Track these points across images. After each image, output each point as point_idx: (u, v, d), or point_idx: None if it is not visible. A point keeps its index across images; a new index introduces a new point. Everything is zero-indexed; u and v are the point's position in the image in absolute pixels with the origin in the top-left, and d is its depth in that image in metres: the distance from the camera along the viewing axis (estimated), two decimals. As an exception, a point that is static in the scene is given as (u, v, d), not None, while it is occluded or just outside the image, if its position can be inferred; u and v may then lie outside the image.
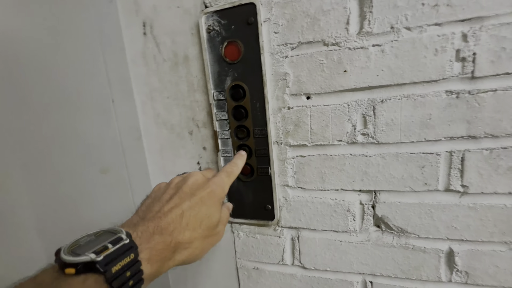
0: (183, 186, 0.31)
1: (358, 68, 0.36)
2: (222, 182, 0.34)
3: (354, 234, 0.42)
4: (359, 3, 0.35)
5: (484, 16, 0.31)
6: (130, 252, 0.20)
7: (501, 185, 0.34)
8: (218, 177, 0.35)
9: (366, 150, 0.39)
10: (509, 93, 0.32)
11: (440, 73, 0.33)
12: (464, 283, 0.39)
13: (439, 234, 0.38)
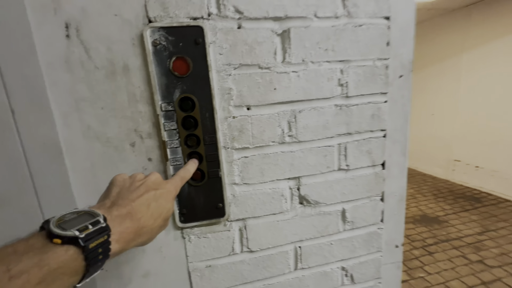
0: (148, 181, 0.35)
1: (284, 87, 0.49)
2: (176, 183, 0.39)
3: (287, 212, 0.55)
4: (282, 41, 0.47)
5: (350, 60, 0.51)
6: (104, 234, 0.25)
7: (364, 162, 0.56)
8: (173, 179, 0.39)
9: (292, 148, 0.52)
10: (364, 107, 0.53)
11: (331, 93, 0.51)
12: (351, 229, 0.60)
13: (337, 200, 0.57)
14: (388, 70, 0.53)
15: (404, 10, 0.52)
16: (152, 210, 0.32)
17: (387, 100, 0.55)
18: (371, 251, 0.62)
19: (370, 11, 0.50)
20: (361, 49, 0.51)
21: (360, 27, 0.50)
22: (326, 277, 0.60)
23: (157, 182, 0.36)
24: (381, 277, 0.64)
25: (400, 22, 0.52)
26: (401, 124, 0.57)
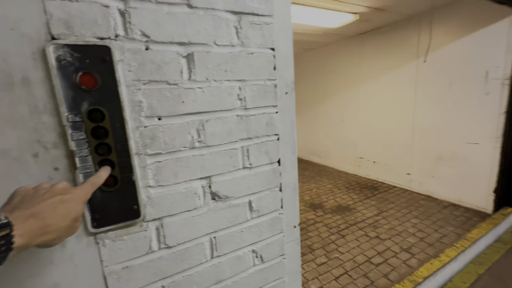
0: (54, 188, 0.38)
1: (191, 100, 0.58)
2: (86, 189, 0.43)
3: (201, 208, 0.64)
4: (187, 62, 0.56)
5: (246, 79, 0.64)
6: (6, 229, 0.28)
7: (264, 160, 0.70)
8: (84, 185, 0.43)
9: (202, 152, 0.61)
10: (260, 116, 0.67)
11: (232, 106, 0.63)
12: (257, 216, 0.72)
13: (243, 193, 0.69)
14: (276, 88, 0.69)
15: (284, 44, 0.69)
16: (58, 211, 0.35)
17: (277, 111, 0.70)
18: (275, 233, 0.76)
19: (259, 43, 0.64)
20: (254, 72, 0.65)
21: (252, 54, 0.64)
22: (239, 261, 0.71)
23: (65, 188, 0.39)
24: (284, 253, 0.79)
25: (283, 52, 0.69)
26: (290, 130, 0.74)
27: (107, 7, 0.48)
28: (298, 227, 0.81)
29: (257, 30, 0.63)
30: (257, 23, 0.63)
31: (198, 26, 0.56)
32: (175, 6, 0.54)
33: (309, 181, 4.11)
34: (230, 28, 0.60)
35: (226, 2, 0.59)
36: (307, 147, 5.12)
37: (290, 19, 0.68)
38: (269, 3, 0.64)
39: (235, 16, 0.60)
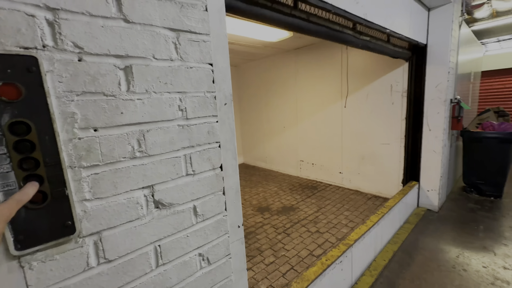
0: None
1: (130, 111, 0.59)
2: (10, 206, 0.41)
3: (144, 218, 0.64)
4: (125, 74, 0.58)
5: (186, 91, 0.68)
6: None
7: (207, 166, 0.75)
8: (7, 202, 0.41)
9: (143, 161, 0.62)
10: (202, 126, 0.72)
11: (173, 116, 0.66)
12: (202, 220, 0.76)
13: (188, 199, 0.72)
14: (216, 100, 0.75)
15: (222, 60, 0.76)
16: None
17: (218, 121, 0.76)
18: (220, 234, 0.81)
19: (198, 58, 0.70)
20: (194, 84, 0.70)
21: (191, 68, 0.69)
22: (186, 266, 0.73)
23: None
24: (230, 253, 0.84)
25: (220, 67, 0.76)
26: (230, 137, 0.80)
27: (32, 17, 0.46)
28: (242, 227, 0.88)
29: (196, 47, 0.69)
30: (195, 40, 0.69)
31: (135, 40, 0.58)
32: (111, 20, 0.55)
33: (256, 186, 4.26)
34: (169, 43, 0.64)
35: (164, 19, 0.62)
36: (253, 153, 5.31)
37: (226, 37, 0.76)
38: (206, 23, 0.70)
39: (174, 33, 0.65)
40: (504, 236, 2.54)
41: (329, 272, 1.48)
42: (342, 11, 1.36)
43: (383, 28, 1.86)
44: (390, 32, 2.01)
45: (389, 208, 2.40)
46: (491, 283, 1.92)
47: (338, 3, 1.32)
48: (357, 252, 1.82)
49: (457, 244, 2.44)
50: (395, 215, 2.53)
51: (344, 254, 1.63)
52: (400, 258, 2.25)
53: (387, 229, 2.40)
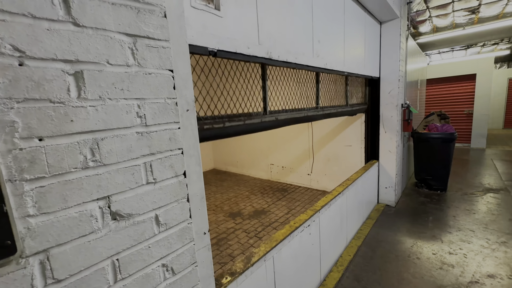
0: None
1: (82, 119, 0.56)
2: None
3: (99, 231, 0.60)
4: (75, 80, 0.55)
5: (145, 98, 0.66)
6: None
7: (169, 174, 0.73)
8: None
9: (97, 171, 0.59)
10: (163, 132, 0.71)
11: (131, 123, 0.64)
12: (165, 229, 0.74)
13: (149, 208, 0.69)
14: (177, 106, 0.75)
15: (183, 66, 0.76)
16: None
17: (180, 127, 0.76)
18: (185, 243, 0.79)
19: (157, 64, 0.69)
20: (153, 91, 0.68)
21: (150, 74, 0.67)
22: (148, 278, 0.70)
23: None
24: (196, 261, 0.83)
25: (181, 73, 0.76)
26: (193, 143, 0.80)
27: (-40, 16, 0.42)
28: (208, 233, 0.87)
29: (154, 53, 0.68)
30: (154, 46, 0.68)
31: (87, 45, 0.56)
32: (58, 23, 0.52)
33: (227, 191, 4.23)
34: (125, 49, 0.62)
35: (119, 24, 0.61)
36: (224, 158, 5.26)
37: (187, 44, 0.76)
38: (165, 29, 0.70)
39: (130, 38, 0.63)
40: (449, 224, 2.85)
41: (297, 234, 1.57)
42: (305, 66, 1.65)
43: (341, 71, 2.17)
44: (347, 74, 2.27)
45: (353, 181, 2.56)
46: (439, 267, 2.15)
47: (302, 61, 1.60)
48: (324, 219, 1.94)
49: (411, 235, 2.68)
50: (358, 188, 2.70)
51: (312, 219, 1.74)
52: (364, 252, 2.41)
53: (351, 200, 2.54)
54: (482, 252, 2.30)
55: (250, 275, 1.15)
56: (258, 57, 1.24)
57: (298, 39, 1.56)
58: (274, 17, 1.35)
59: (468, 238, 2.53)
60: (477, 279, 1.96)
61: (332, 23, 1.97)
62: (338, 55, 2.11)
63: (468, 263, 2.15)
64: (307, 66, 1.69)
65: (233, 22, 1.08)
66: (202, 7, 0.92)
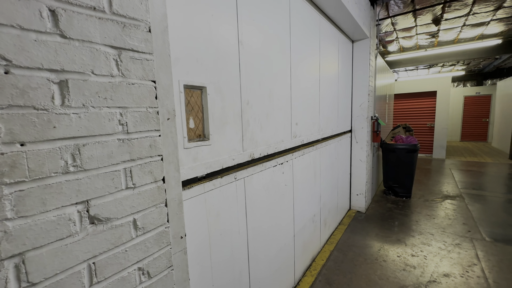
0: None
1: (64, 126, 0.58)
2: None
3: (77, 235, 0.62)
4: (60, 88, 0.57)
5: (127, 107, 0.70)
6: None
7: (148, 179, 0.76)
8: None
9: (77, 176, 0.61)
10: (143, 139, 0.74)
11: (113, 130, 0.67)
12: (143, 233, 0.76)
13: (127, 213, 0.72)
14: (159, 115, 0.79)
15: (165, 78, 0.81)
16: None
17: (160, 135, 0.79)
18: (162, 246, 0.82)
19: (140, 75, 0.73)
20: (136, 100, 0.72)
21: (133, 85, 0.71)
22: (124, 282, 0.72)
23: None
24: (172, 264, 0.86)
25: (163, 84, 0.80)
26: (172, 150, 0.84)
27: (-51, 26, 0.44)
28: (185, 237, 0.90)
29: (138, 64, 0.72)
30: (138, 58, 0.72)
31: (73, 55, 0.59)
32: (45, 34, 0.55)
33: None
34: (109, 60, 0.66)
35: (105, 37, 0.64)
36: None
37: (170, 57, 0.81)
38: (149, 43, 0.74)
39: (115, 50, 0.67)
40: (412, 229, 3.09)
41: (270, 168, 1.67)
42: (284, 151, 1.83)
43: (316, 140, 2.41)
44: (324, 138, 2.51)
45: (328, 140, 2.70)
46: (403, 269, 2.32)
47: (281, 147, 1.77)
48: (297, 164, 2.05)
49: (378, 239, 2.86)
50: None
51: (285, 158, 1.86)
52: (336, 257, 2.52)
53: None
54: (439, 253, 2.52)
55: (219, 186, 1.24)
56: (242, 163, 1.40)
57: (278, 131, 1.74)
58: (257, 123, 1.52)
59: (428, 241, 2.76)
60: (435, 279, 2.15)
61: (308, 103, 2.19)
62: (314, 128, 2.32)
63: (427, 264, 2.35)
64: (286, 150, 1.86)
65: (219, 144, 1.24)
66: (193, 145, 1.09)
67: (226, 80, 1.27)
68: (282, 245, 1.87)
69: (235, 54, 1.33)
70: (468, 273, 2.20)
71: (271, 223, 1.72)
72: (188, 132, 1.12)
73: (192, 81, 1.10)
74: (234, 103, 1.34)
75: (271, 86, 1.65)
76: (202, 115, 1.20)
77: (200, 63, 1.12)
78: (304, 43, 2.06)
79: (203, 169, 1.16)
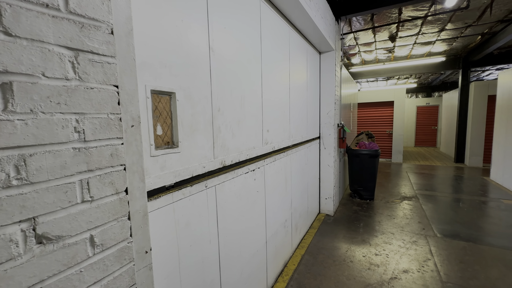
0: None
1: (6, 134, 0.51)
2: None
3: (19, 258, 0.54)
4: (2, 92, 0.51)
5: (85, 113, 0.64)
6: None
7: (108, 191, 0.71)
8: None
9: (22, 190, 0.54)
10: (104, 148, 0.69)
11: (67, 138, 0.61)
12: (101, 251, 0.70)
13: (83, 229, 0.65)
14: (122, 122, 0.74)
15: (129, 82, 0.76)
16: None
17: (123, 143, 0.74)
18: (124, 263, 0.76)
19: (100, 80, 0.68)
20: (95, 105, 0.67)
21: (92, 89, 0.66)
22: (78, 306, 0.65)
23: None
24: (136, 282, 0.80)
25: (127, 89, 0.76)
26: (137, 159, 0.79)
27: None
28: (150, 252, 0.85)
29: (98, 68, 0.67)
30: (98, 61, 0.67)
31: (19, 55, 0.53)
32: (-16, 30, 0.48)
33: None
34: (64, 62, 0.60)
35: (60, 37, 0.59)
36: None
37: (134, 61, 0.77)
38: (111, 45, 0.70)
39: (72, 52, 0.62)
40: (375, 229, 3.29)
41: (241, 175, 1.66)
42: (256, 157, 1.85)
43: (287, 147, 2.47)
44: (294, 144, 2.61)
45: (298, 146, 2.76)
46: (368, 268, 2.45)
47: (253, 154, 1.79)
48: (269, 170, 2.07)
49: (346, 241, 3.00)
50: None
51: (257, 165, 1.86)
52: (306, 260, 2.58)
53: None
54: (399, 251, 2.72)
55: (189, 195, 1.20)
56: (213, 171, 1.38)
57: (249, 138, 1.76)
58: (229, 130, 1.52)
59: (390, 240, 2.97)
60: (396, 275, 2.31)
61: (279, 110, 2.25)
62: (284, 135, 2.38)
63: (389, 262, 2.51)
64: (257, 157, 1.88)
65: (189, 151, 1.21)
66: (161, 153, 1.05)
67: (196, 86, 1.25)
68: (254, 251, 1.86)
69: (206, 61, 1.32)
70: (424, 268, 2.41)
71: (243, 230, 1.70)
72: (156, 139, 1.07)
73: (160, 86, 1.06)
74: (205, 109, 1.32)
75: (243, 93, 1.66)
76: (171, 121, 1.16)
77: (169, 69, 1.08)
78: (274, 53, 2.12)
79: (172, 178, 1.11)
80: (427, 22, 4.68)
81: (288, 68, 2.42)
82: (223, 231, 1.48)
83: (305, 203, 3.09)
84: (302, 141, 2.90)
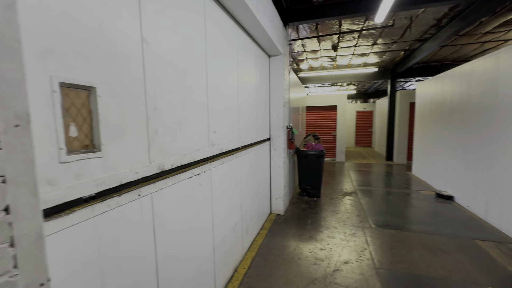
0: None
1: None
2: None
3: None
4: None
5: None
6: None
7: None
8: None
9: None
10: None
11: None
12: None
13: None
14: (-1, 120, 0.56)
15: (10, 69, 0.59)
16: None
17: (2, 147, 0.57)
18: (5, 305, 0.58)
19: (-41, 62, 0.50)
20: (-51, 97, 0.49)
21: None
22: None
23: None
24: (26, 326, 0.62)
25: (7, 79, 0.58)
26: (26, 168, 0.62)
27: None
28: (49, 283, 0.67)
29: (-45, 46, 0.49)
30: (-45, 37, 0.49)
31: None
32: None
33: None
34: None
35: None
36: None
37: (20, 43, 0.60)
38: (-20, 18, 0.53)
39: None
40: (321, 225, 3.49)
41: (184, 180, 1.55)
42: (201, 160, 1.75)
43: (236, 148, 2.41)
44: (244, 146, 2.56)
45: (248, 148, 2.73)
46: (313, 263, 2.55)
47: (198, 157, 1.68)
48: (216, 173, 1.99)
49: (295, 239, 3.09)
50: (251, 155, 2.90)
51: (202, 168, 1.76)
52: (257, 263, 2.56)
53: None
54: (341, 244, 2.93)
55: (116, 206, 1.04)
56: (149, 176, 1.23)
57: (193, 140, 1.64)
58: (168, 131, 1.39)
59: (333, 234, 3.17)
60: (338, 267, 2.46)
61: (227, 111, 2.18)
62: (233, 136, 2.32)
63: (332, 255, 2.68)
64: (203, 160, 1.77)
65: (117, 156, 1.05)
66: (77, 158, 0.88)
67: (125, 82, 1.09)
68: (200, 260, 1.74)
69: (138, 53, 1.17)
70: (361, 257, 2.63)
71: (187, 240, 1.57)
72: (68, 142, 0.88)
73: (74, 79, 0.89)
74: (137, 108, 1.16)
75: (185, 92, 1.54)
76: (91, 121, 0.98)
77: (87, 59, 0.91)
78: (221, 52, 2.04)
79: (92, 187, 0.94)
80: (362, 35, 5.24)
81: (236, 69, 2.38)
82: (162, 244, 1.33)
83: (256, 204, 3.08)
84: (252, 143, 2.89)
